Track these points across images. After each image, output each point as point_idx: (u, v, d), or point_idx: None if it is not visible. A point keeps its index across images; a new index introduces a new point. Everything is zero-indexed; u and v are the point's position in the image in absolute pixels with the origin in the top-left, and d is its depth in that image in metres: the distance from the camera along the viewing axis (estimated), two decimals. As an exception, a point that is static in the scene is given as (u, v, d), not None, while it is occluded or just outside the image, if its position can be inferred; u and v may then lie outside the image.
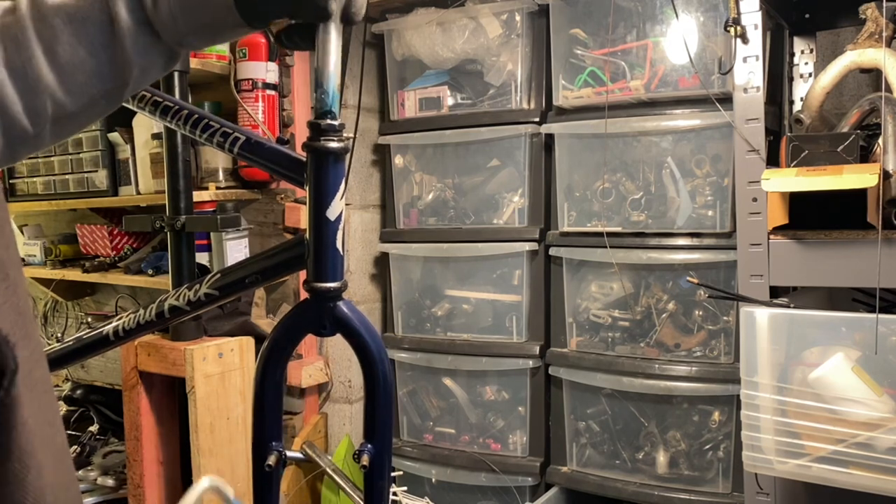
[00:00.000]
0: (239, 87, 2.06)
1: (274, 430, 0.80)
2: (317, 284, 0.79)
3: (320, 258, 0.79)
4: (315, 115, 0.78)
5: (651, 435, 1.89)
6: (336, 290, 0.79)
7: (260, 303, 2.16)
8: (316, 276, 0.79)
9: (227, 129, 0.89)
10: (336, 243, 0.79)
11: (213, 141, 0.90)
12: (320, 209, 0.78)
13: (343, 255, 0.80)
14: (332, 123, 0.76)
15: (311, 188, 0.78)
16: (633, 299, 1.90)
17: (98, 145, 2.28)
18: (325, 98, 0.75)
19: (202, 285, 0.90)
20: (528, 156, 2.04)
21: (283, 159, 0.87)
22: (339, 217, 0.78)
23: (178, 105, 0.95)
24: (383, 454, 0.82)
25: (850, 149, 1.27)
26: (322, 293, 0.79)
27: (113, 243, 2.42)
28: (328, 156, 0.77)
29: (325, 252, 0.79)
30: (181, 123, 0.93)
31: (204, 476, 0.74)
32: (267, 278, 0.90)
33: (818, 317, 1.28)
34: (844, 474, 1.17)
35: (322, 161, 0.77)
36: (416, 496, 2.17)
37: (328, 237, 0.78)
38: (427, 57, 2.14)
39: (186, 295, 0.91)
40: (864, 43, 1.41)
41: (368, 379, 0.81)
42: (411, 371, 2.23)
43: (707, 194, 1.81)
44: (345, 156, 0.78)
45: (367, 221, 2.38)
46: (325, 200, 0.77)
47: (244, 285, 0.90)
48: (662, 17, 1.84)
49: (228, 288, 0.90)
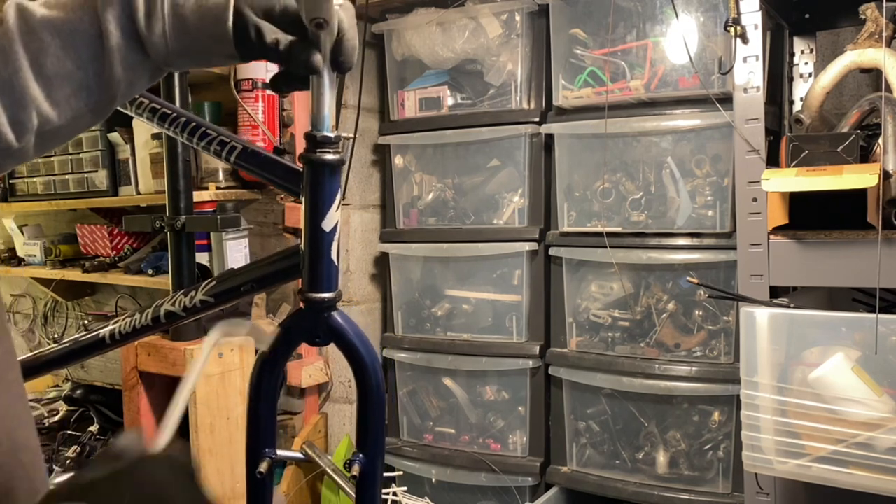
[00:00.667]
0: (239, 87, 2.06)
1: (268, 438, 0.81)
2: (311, 295, 0.80)
3: (315, 269, 0.79)
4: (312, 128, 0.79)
5: (651, 435, 1.89)
6: (330, 300, 0.80)
7: (260, 303, 2.16)
8: (310, 287, 0.80)
9: (224, 138, 0.90)
10: (331, 254, 0.79)
11: (211, 149, 0.90)
12: (316, 220, 0.78)
13: (338, 265, 0.81)
14: (328, 135, 0.77)
15: (306, 199, 0.79)
16: (633, 299, 1.90)
17: (98, 145, 2.28)
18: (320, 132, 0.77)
19: (198, 292, 0.91)
20: (528, 156, 2.04)
21: (279, 169, 0.87)
22: (334, 228, 0.79)
23: (175, 112, 0.95)
24: (375, 463, 0.83)
25: (850, 149, 1.27)
26: (316, 303, 0.79)
27: (113, 243, 2.42)
28: (324, 167, 0.78)
29: (319, 263, 0.79)
30: (178, 130, 0.94)
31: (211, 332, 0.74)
32: (262, 287, 0.90)
33: (818, 317, 1.28)
34: (844, 474, 1.17)
35: (318, 173, 0.78)
36: (416, 496, 2.17)
37: (323, 248, 0.79)
38: (427, 57, 2.14)
39: (182, 301, 0.92)
40: (864, 43, 1.41)
41: (361, 388, 0.82)
42: (411, 371, 2.23)
43: (707, 194, 1.81)
44: (341, 167, 0.79)
45: (367, 221, 2.38)
46: (320, 212, 0.78)
47: (239, 293, 0.90)
48: (662, 17, 1.84)
49: (224, 295, 0.91)
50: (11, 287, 3.06)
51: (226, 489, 1.88)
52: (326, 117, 0.77)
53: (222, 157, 0.89)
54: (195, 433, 1.79)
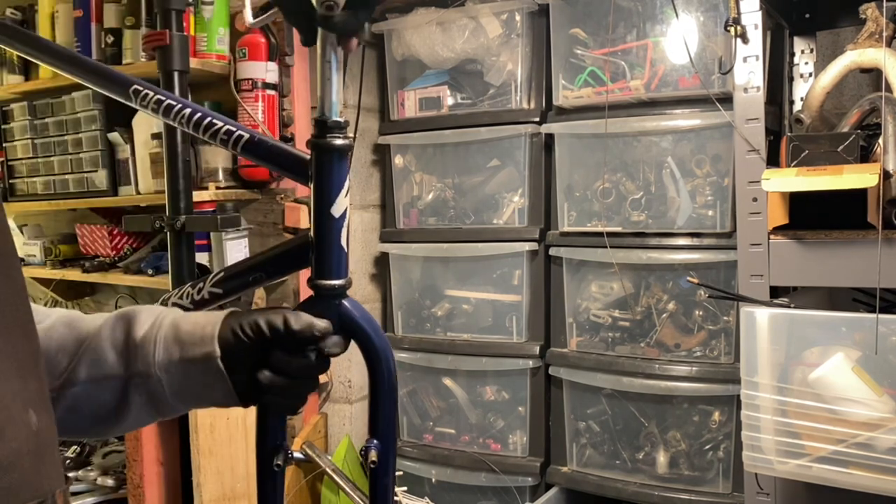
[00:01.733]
0: (239, 87, 2.06)
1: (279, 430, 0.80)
2: (320, 282, 0.78)
3: (324, 255, 0.78)
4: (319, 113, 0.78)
5: (651, 435, 1.89)
6: (340, 287, 0.79)
7: (260, 303, 2.16)
8: (319, 274, 0.79)
9: (230, 128, 0.89)
10: (340, 240, 0.78)
11: (217, 139, 0.89)
12: (324, 206, 0.77)
13: (347, 252, 0.80)
14: (337, 120, 0.76)
15: (315, 185, 0.78)
16: (633, 299, 1.90)
17: (98, 145, 2.28)
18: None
19: (206, 284, 0.90)
20: (528, 156, 2.04)
21: (286, 157, 0.86)
22: (343, 214, 0.78)
23: (181, 103, 0.94)
24: (388, 452, 0.82)
25: (850, 149, 1.27)
26: (326, 290, 0.79)
27: (113, 243, 2.42)
28: (333, 152, 0.77)
29: (329, 249, 0.78)
30: (184, 122, 0.92)
31: None
32: (271, 276, 0.89)
33: (818, 317, 1.28)
34: (844, 474, 1.17)
35: (326, 158, 0.77)
36: (416, 496, 2.17)
37: (332, 234, 0.78)
38: (427, 57, 2.14)
39: (190, 294, 0.91)
40: (864, 43, 1.41)
41: (374, 376, 0.81)
42: (411, 371, 2.23)
43: (707, 194, 1.80)
44: (348, 153, 0.78)
45: (367, 221, 2.38)
46: (329, 197, 0.77)
47: (248, 283, 0.89)
48: (662, 16, 1.84)
49: (232, 286, 0.90)
50: (11, 287, 3.05)
51: (226, 489, 1.88)
52: (334, 102, 0.76)
53: (229, 146, 0.88)
54: (195, 433, 1.79)
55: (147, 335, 0.72)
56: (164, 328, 0.72)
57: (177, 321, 0.73)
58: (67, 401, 0.70)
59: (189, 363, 0.71)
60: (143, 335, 0.72)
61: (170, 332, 0.72)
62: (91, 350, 0.71)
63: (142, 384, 0.71)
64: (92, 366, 0.71)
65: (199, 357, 0.71)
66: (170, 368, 0.71)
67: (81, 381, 0.70)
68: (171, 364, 0.71)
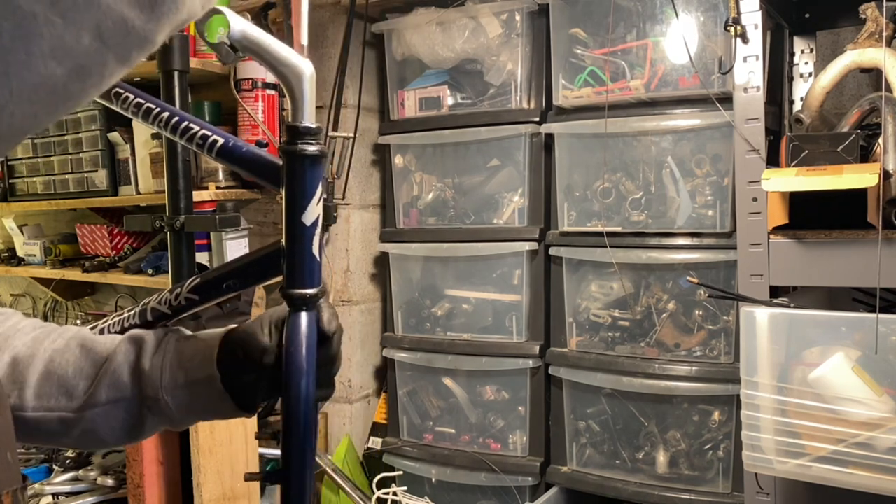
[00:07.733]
0: (239, 87, 2.06)
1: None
2: (292, 291, 0.78)
3: (295, 264, 0.77)
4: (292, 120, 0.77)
5: (651, 435, 1.89)
6: (312, 296, 0.78)
7: (260, 303, 2.16)
8: (290, 283, 0.77)
9: (206, 132, 0.87)
10: (312, 249, 0.77)
11: (193, 143, 0.88)
12: (295, 214, 0.76)
13: (320, 260, 0.79)
14: (308, 126, 0.75)
15: (286, 192, 0.76)
16: (633, 299, 1.90)
17: (98, 145, 2.28)
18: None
19: (182, 290, 0.89)
20: (528, 155, 2.04)
21: (259, 162, 0.84)
22: (315, 222, 0.76)
23: (159, 107, 0.92)
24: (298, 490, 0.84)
25: (850, 149, 1.27)
26: (298, 300, 0.78)
27: (113, 243, 2.42)
28: (304, 159, 0.75)
29: (300, 258, 0.77)
30: (162, 126, 0.91)
31: None
32: (244, 284, 0.87)
33: (818, 317, 1.28)
34: (844, 474, 1.17)
35: (298, 164, 0.75)
36: (416, 496, 2.17)
37: (304, 242, 0.76)
38: (427, 57, 2.14)
39: (168, 299, 0.89)
40: (864, 43, 1.41)
41: (284, 400, 0.81)
42: (411, 371, 2.23)
43: (707, 194, 1.81)
44: (322, 159, 0.76)
45: (367, 221, 2.38)
46: (300, 205, 0.76)
47: (222, 290, 0.87)
48: (662, 16, 1.84)
49: (207, 293, 0.88)
50: (11, 287, 3.06)
51: (225, 489, 1.88)
52: (306, 107, 0.74)
53: (204, 151, 0.87)
54: (195, 433, 1.79)
55: (154, 362, 0.77)
56: (168, 354, 0.78)
57: (180, 346, 0.79)
58: (87, 423, 0.75)
59: (193, 385, 0.76)
60: (151, 362, 0.77)
61: (174, 359, 0.77)
62: (109, 374, 0.76)
63: (154, 406, 0.76)
64: (110, 389, 0.75)
65: (202, 379, 0.76)
66: (176, 392, 0.76)
67: (101, 403, 0.75)
68: (177, 388, 0.76)
